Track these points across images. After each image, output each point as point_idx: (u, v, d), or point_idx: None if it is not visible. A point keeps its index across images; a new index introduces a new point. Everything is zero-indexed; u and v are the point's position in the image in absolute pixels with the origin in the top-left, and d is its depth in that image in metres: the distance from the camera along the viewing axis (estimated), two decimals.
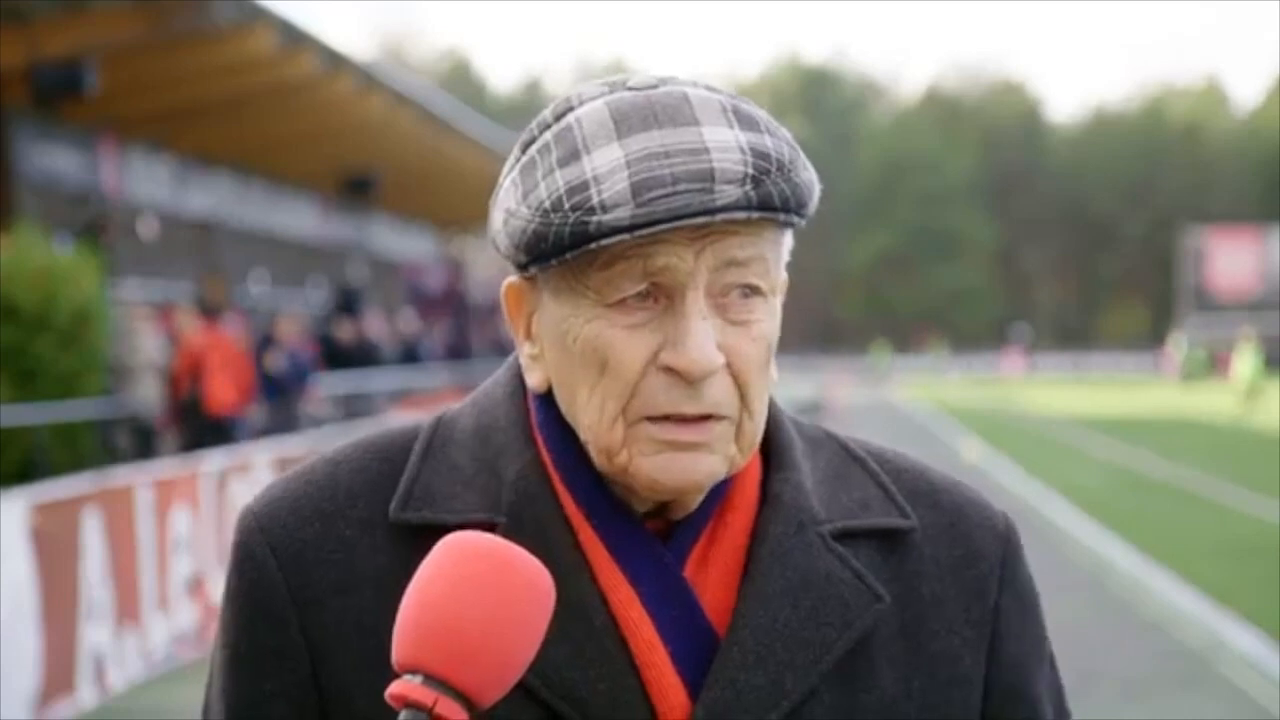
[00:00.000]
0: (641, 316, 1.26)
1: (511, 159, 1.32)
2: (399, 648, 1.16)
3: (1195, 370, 56.08)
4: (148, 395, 14.39)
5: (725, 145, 1.25)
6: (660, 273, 1.25)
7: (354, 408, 19.76)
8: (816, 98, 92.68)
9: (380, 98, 22.07)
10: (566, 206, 1.24)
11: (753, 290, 1.28)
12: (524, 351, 1.34)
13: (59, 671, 8.40)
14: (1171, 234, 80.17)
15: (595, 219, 1.23)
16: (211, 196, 22.89)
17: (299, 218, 26.78)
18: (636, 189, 1.23)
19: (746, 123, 1.28)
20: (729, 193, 1.23)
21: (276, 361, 17.18)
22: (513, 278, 1.33)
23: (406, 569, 1.23)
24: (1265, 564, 12.81)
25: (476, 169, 29.51)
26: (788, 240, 1.32)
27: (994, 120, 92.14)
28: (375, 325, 23.74)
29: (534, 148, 1.30)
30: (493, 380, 1.40)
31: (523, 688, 1.25)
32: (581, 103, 1.30)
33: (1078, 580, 11.95)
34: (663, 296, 1.26)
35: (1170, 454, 23.69)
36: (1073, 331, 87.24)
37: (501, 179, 1.33)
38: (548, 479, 1.32)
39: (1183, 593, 11.58)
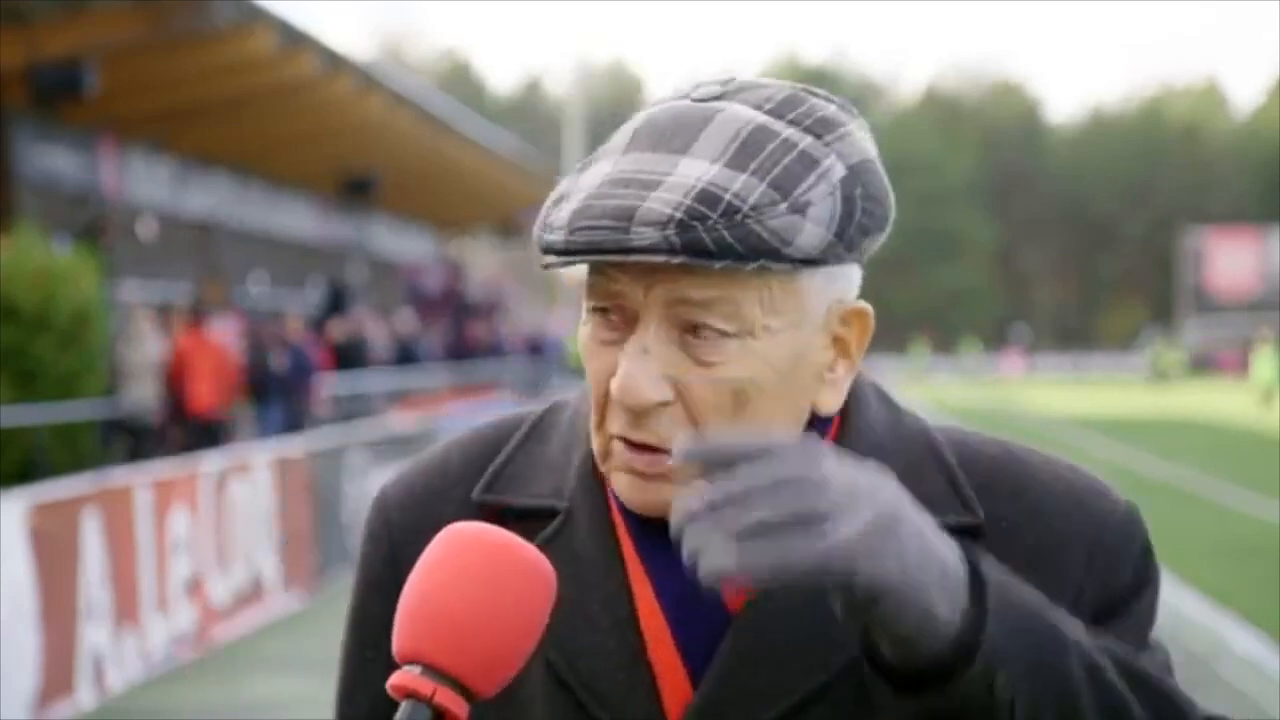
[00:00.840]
0: (614, 334, 1.28)
1: None
2: (398, 638, 1.17)
3: (1165, 370, 55.68)
4: (145, 396, 14.40)
5: (679, 183, 1.23)
6: (617, 297, 1.27)
7: (352, 408, 19.75)
8: None
9: (379, 98, 22.08)
10: (540, 215, 1.29)
11: (720, 332, 1.25)
12: None
13: (58, 672, 8.40)
14: (1171, 234, 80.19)
15: (546, 236, 1.27)
16: (211, 197, 22.89)
17: (298, 218, 26.77)
18: (574, 215, 1.25)
19: (740, 157, 1.25)
20: (646, 235, 1.22)
21: (281, 361, 17.25)
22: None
23: None
24: (1265, 565, 12.80)
25: (475, 170, 29.52)
26: (801, 280, 1.27)
27: (993, 121, 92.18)
28: (368, 324, 23.73)
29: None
30: None
31: (554, 674, 1.31)
32: (651, 107, 1.33)
33: None
34: (630, 319, 1.27)
35: (1170, 454, 23.69)
36: (1072, 332, 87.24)
37: None
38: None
39: (1183, 594, 11.57)
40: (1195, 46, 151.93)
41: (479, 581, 1.16)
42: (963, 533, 1.30)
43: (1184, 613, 10.87)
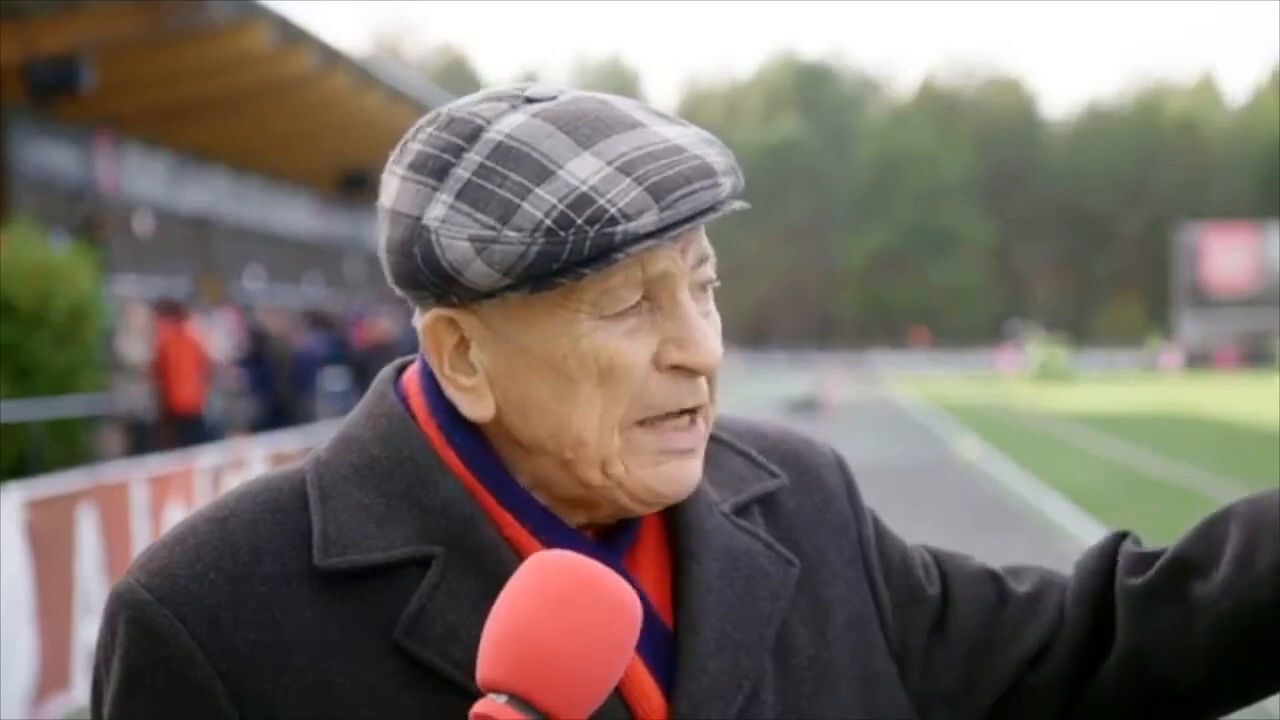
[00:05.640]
0: (634, 321, 1.24)
1: (415, 185, 1.26)
2: (484, 666, 1.14)
3: (1052, 371, 55.33)
4: (141, 392, 14.41)
5: (691, 140, 1.25)
6: (659, 278, 1.24)
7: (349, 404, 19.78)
8: (812, 94, 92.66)
9: (376, 94, 22.07)
10: (579, 221, 1.19)
11: (710, 283, 1.29)
12: (457, 384, 1.27)
13: (54, 668, 8.39)
14: (1167, 231, 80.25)
15: (619, 229, 1.19)
16: (207, 193, 22.89)
17: (295, 214, 26.78)
18: (655, 192, 1.20)
19: (673, 118, 1.28)
20: (726, 185, 1.24)
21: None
22: (439, 311, 1.26)
23: (338, 619, 1.23)
24: None
25: None
26: None
27: (990, 116, 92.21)
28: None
29: (461, 170, 1.24)
30: (365, 414, 1.32)
31: None
32: (492, 119, 1.25)
33: None
34: (649, 299, 1.25)
35: (1169, 451, 23.70)
36: (1069, 328, 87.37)
37: (411, 210, 1.26)
38: (478, 503, 1.27)
39: None
40: (1192, 42, 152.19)
41: (568, 610, 1.14)
42: (770, 498, 1.40)
43: None
